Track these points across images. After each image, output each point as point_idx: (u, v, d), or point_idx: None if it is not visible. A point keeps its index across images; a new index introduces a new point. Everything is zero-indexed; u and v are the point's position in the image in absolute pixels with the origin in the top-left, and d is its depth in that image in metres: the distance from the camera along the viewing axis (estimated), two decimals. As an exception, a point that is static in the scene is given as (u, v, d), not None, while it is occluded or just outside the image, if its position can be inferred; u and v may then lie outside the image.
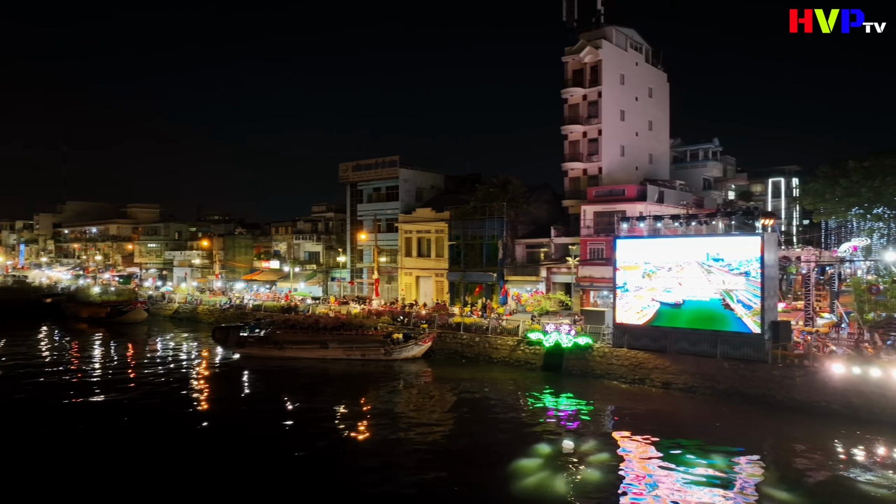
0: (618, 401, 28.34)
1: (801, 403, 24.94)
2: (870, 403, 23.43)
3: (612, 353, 31.49)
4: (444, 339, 38.47)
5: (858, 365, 24.10)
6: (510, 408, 27.35)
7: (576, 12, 50.01)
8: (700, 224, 30.00)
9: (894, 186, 42.64)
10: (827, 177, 47.18)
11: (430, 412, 27.53)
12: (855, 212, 45.27)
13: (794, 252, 40.52)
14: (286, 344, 38.86)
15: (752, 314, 27.32)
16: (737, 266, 27.87)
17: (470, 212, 48.72)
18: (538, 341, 33.80)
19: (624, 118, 50.41)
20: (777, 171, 68.54)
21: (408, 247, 54.73)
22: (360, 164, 60.65)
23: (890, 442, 21.22)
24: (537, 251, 48.46)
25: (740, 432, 23.02)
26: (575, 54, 48.98)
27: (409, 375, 34.05)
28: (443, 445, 22.24)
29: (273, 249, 70.61)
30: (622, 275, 31.79)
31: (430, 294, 52.21)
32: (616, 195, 44.30)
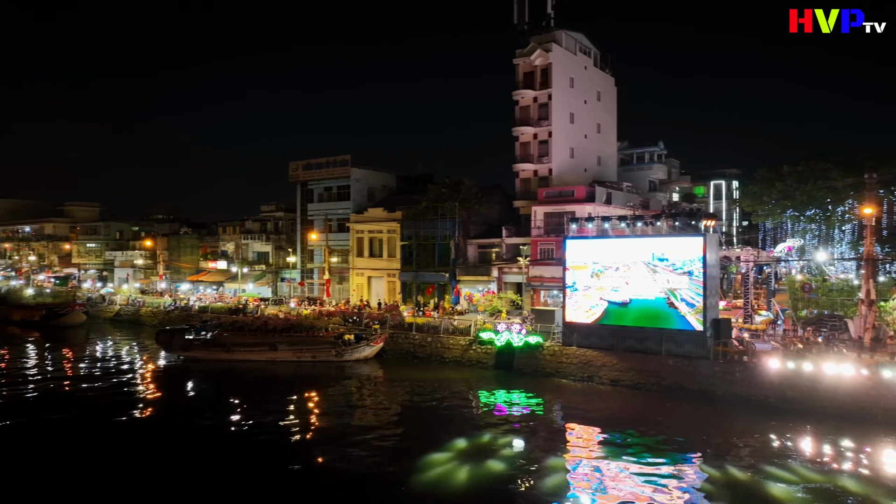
0: (567, 398, 28.85)
1: (740, 397, 25.96)
2: (803, 396, 24.58)
3: (562, 351, 32.04)
4: (397, 340, 38.35)
5: (792, 360, 25.25)
6: (462, 407, 27.48)
7: (526, 15, 50.68)
8: (646, 225, 30.80)
9: (825, 190, 44.88)
10: (764, 180, 49.27)
11: (382, 413, 27.40)
12: (790, 214, 47.43)
13: (734, 252, 42.17)
14: (234, 346, 37.96)
15: (695, 312, 28.26)
16: (680, 266, 28.78)
17: (422, 212, 48.73)
18: (490, 341, 34.08)
19: (573, 121, 51.35)
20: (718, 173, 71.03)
21: (359, 247, 54.32)
22: (311, 163, 59.86)
23: (819, 431, 22.31)
24: (489, 251, 48.85)
25: (684, 426, 23.78)
26: (526, 57, 49.62)
27: (361, 376, 33.80)
28: (393, 446, 22.15)
29: (220, 249, 68.93)
30: (571, 274, 32.37)
31: (383, 294, 51.96)
32: (566, 196, 45.09)
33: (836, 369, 24.03)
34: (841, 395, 23.78)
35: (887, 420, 22.44)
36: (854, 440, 21.34)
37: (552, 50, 48.66)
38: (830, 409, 23.68)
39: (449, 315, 40.34)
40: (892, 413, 22.58)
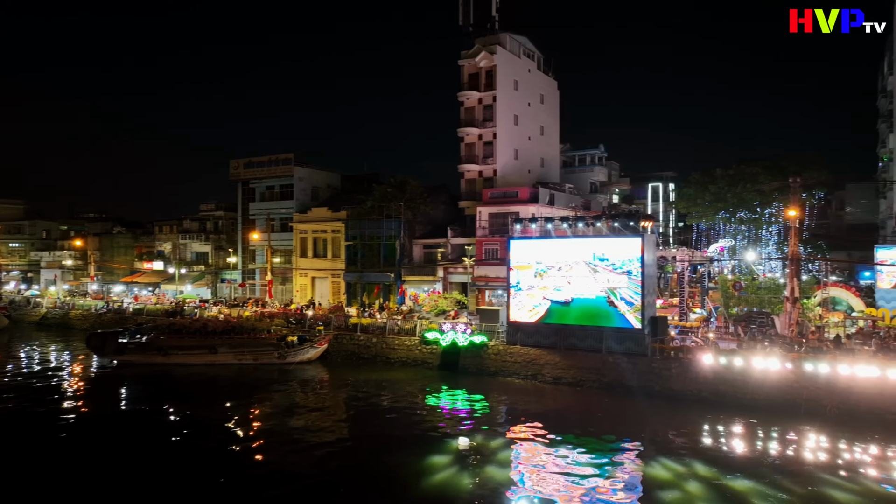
0: (511, 397, 29.21)
1: (676, 393, 26.92)
2: (734, 390, 25.72)
3: (507, 350, 32.43)
4: (341, 341, 37.93)
5: (724, 355, 26.37)
6: (407, 407, 27.43)
7: (471, 17, 51.10)
8: (587, 226, 31.51)
9: (753, 193, 47.07)
10: (698, 183, 51.28)
11: (326, 415, 27.03)
12: (722, 215, 49.53)
13: (671, 252, 43.74)
14: (171, 350, 36.67)
15: (634, 310, 29.13)
16: (620, 265, 29.61)
17: (367, 212, 48.41)
18: (435, 341, 34.15)
19: (517, 123, 52.07)
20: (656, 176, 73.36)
21: (303, 247, 53.47)
22: (253, 161, 58.55)
23: (749, 423, 23.37)
24: (434, 251, 48.97)
25: (623, 422, 24.49)
26: (471, 58, 49.99)
27: (305, 379, 33.26)
28: (338, 447, 21.91)
29: (157, 250, 66.49)
30: (516, 274, 32.81)
31: (327, 295, 51.32)
32: (510, 197, 45.69)
33: (763, 364, 25.25)
34: (768, 389, 25.01)
35: (809, 410, 23.74)
36: (780, 430, 22.46)
37: (497, 52, 49.20)
38: (759, 402, 24.87)
39: (394, 315, 40.18)
40: (814, 403, 23.91)
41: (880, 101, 57.69)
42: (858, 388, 23.39)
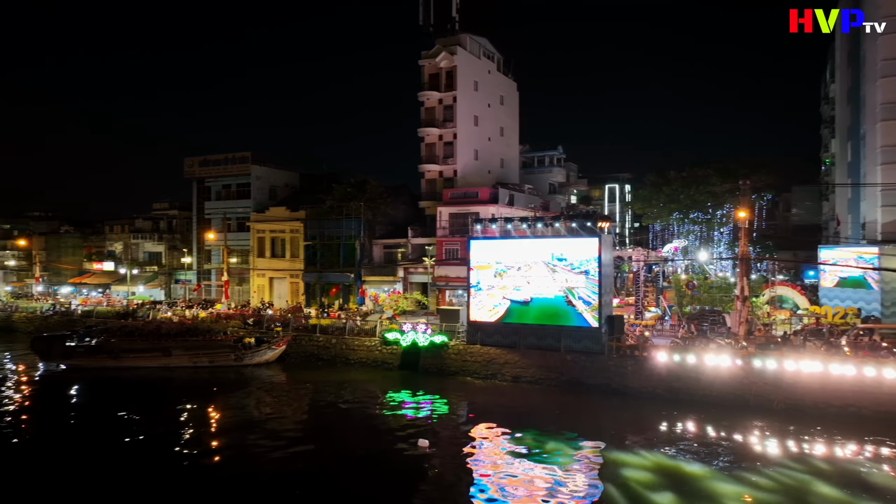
0: (471, 396, 29.36)
1: (632, 390, 27.51)
2: (687, 386, 26.44)
3: (467, 350, 32.57)
4: (300, 342, 37.46)
5: (678, 353, 27.08)
6: (367, 408, 27.29)
7: (432, 17, 51.15)
8: (546, 226, 31.90)
9: (706, 194, 48.43)
10: (653, 185, 52.48)
11: (285, 417, 26.65)
12: (676, 216, 50.78)
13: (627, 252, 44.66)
14: (123, 353, 35.55)
15: (592, 310, 29.64)
16: (578, 265, 30.09)
17: (327, 211, 47.94)
18: (395, 341, 34.05)
19: (478, 123, 52.35)
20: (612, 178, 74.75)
21: (260, 247, 52.61)
22: (209, 159, 57.28)
23: (701, 418, 24.05)
24: (395, 251, 48.82)
25: (581, 419, 24.88)
26: (431, 58, 50.03)
27: (263, 381, 32.72)
28: (297, 450, 21.62)
29: (107, 250, 64.38)
30: (476, 274, 32.99)
31: (285, 296, 50.61)
32: (470, 197, 45.90)
33: (715, 360, 26.03)
34: (719, 384, 25.79)
35: (757, 405, 24.60)
36: (729, 424, 23.18)
37: (457, 53, 49.36)
38: (711, 398, 25.63)
39: (355, 316, 39.89)
40: (762, 398, 24.78)
41: (823, 107, 60.17)
42: (803, 383, 24.34)
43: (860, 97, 42.30)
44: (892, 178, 37.31)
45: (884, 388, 23.05)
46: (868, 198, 39.73)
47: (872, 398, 23.18)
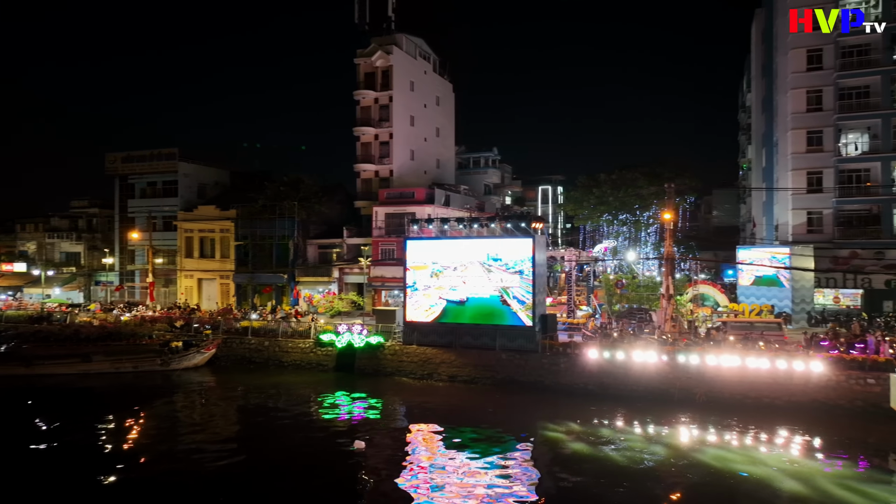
0: (408, 396, 29.36)
1: (565, 386, 28.22)
2: (616, 382, 27.37)
3: (403, 350, 32.54)
4: (231, 345, 36.37)
5: (608, 350, 28.00)
6: (301, 411, 26.81)
7: (367, 16, 50.81)
8: (481, 226, 32.28)
9: (634, 196, 50.28)
10: (584, 187, 54.02)
11: (215, 423, 25.82)
12: (606, 217, 52.48)
13: (559, 252, 45.79)
14: (36, 359, 33.47)
15: (526, 309, 30.22)
16: (513, 265, 30.61)
17: (259, 210, 46.79)
18: (331, 342, 33.61)
19: (414, 124, 52.39)
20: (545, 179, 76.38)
21: (189, 247, 50.77)
22: (132, 155, 54.77)
23: (629, 413, 24.93)
24: (330, 251, 48.22)
25: (515, 416, 25.30)
26: (367, 57, 49.71)
27: (191, 386, 31.57)
28: (228, 457, 20.98)
29: (18, 250, 60.44)
30: (412, 274, 33.00)
31: (215, 297, 49.04)
32: (406, 197, 45.89)
33: (642, 357, 27.07)
34: (647, 380, 26.85)
35: (681, 398, 25.77)
36: (655, 417, 24.17)
37: (393, 52, 49.25)
38: (639, 393, 26.64)
39: (289, 318, 39.09)
40: (685, 392, 25.98)
41: (741, 115, 63.72)
42: (723, 377, 25.68)
43: (773, 107, 45.06)
44: (800, 182, 39.95)
45: (794, 380, 24.63)
46: (780, 201, 42.38)
47: (784, 390, 24.73)
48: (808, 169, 39.74)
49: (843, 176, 38.92)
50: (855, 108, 38.59)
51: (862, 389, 23.72)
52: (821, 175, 39.43)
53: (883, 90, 37.71)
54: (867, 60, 38.20)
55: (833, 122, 38.93)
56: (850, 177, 38.94)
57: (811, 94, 39.80)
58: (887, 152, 37.66)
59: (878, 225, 37.93)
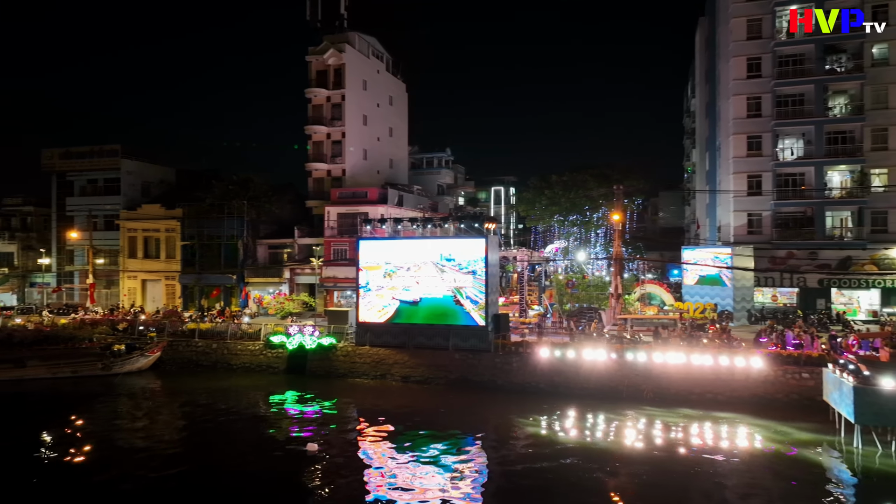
0: (360, 398, 29.13)
1: (517, 385, 28.54)
2: (567, 380, 27.85)
3: (356, 351, 32.26)
4: (177, 348, 35.31)
5: (559, 349, 28.45)
6: (251, 415, 26.24)
7: (319, 13, 50.19)
8: (435, 227, 32.33)
9: (585, 198, 51.28)
10: (536, 188, 54.79)
11: (160, 429, 24.99)
12: (557, 218, 53.36)
13: (512, 252, 46.27)
14: (-36, 366, 31.70)
15: (479, 308, 30.41)
16: (466, 265, 30.76)
17: (207, 210, 45.59)
18: (281, 344, 33.04)
19: (366, 123, 52.05)
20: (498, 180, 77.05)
21: (132, 247, 49.06)
22: (72, 151, 52.51)
23: (580, 410, 25.41)
24: (280, 252, 47.40)
25: (469, 415, 25.44)
26: (319, 55, 49.10)
27: (135, 391, 30.48)
28: (175, 463, 20.35)
29: (-56, 250, 56.98)
30: (365, 275, 32.76)
31: (160, 299, 47.53)
32: (359, 197, 45.54)
33: (592, 355, 27.62)
34: (596, 378, 27.41)
35: (630, 395, 26.42)
36: (605, 413, 24.72)
37: (346, 51, 48.80)
38: (589, 390, 27.16)
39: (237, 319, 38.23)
40: (633, 389, 26.65)
41: (685, 120, 65.82)
42: (669, 373, 26.46)
43: (716, 112, 46.71)
44: (741, 185, 41.53)
45: (735, 376, 25.59)
46: (723, 203, 43.96)
47: (726, 385, 25.66)
48: (749, 172, 41.34)
49: (781, 179, 40.64)
50: (791, 114, 40.37)
51: (797, 384, 24.85)
52: (760, 178, 41.07)
53: (816, 98, 39.57)
54: (802, 70, 40.03)
55: (771, 128, 40.60)
56: (786, 180, 40.69)
57: (751, 100, 41.41)
58: (820, 158, 39.54)
59: (812, 227, 39.76)
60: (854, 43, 39.00)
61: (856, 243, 38.73)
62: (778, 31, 40.67)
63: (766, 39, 40.61)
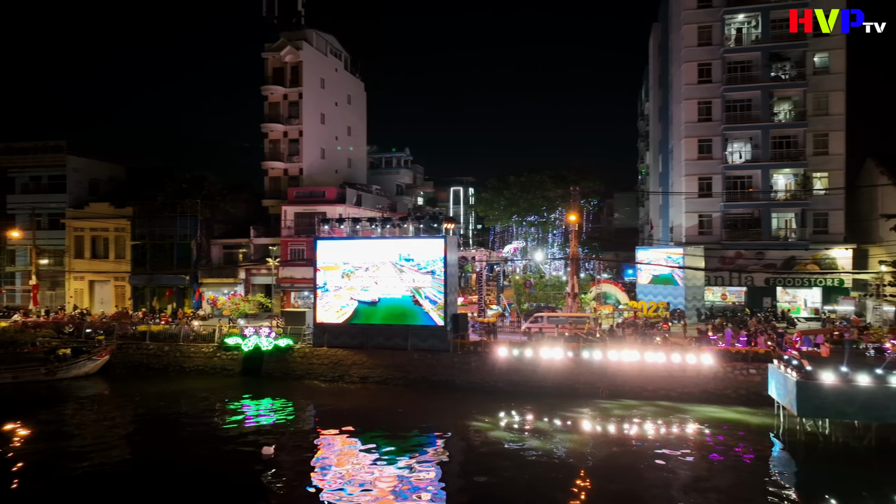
0: (318, 399, 28.80)
1: (476, 385, 28.69)
2: (525, 379, 28.15)
3: (313, 352, 31.88)
4: (127, 351, 34.23)
5: (517, 348, 28.73)
6: (205, 419, 25.65)
7: (276, 9, 49.42)
8: (394, 227, 32.25)
9: (542, 199, 51.91)
10: (494, 188, 55.21)
11: (109, 434, 24.12)
12: (515, 219, 53.89)
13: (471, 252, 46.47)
14: None
15: (438, 308, 30.45)
16: (425, 265, 30.77)
17: (158, 209, 44.34)
18: (236, 346, 32.39)
19: (324, 121, 51.51)
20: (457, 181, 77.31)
21: (79, 247, 47.31)
22: (13, 146, 50.30)
23: (537, 408, 25.71)
24: (236, 252, 46.48)
25: (428, 415, 25.44)
26: (276, 52, 48.37)
27: (81, 396, 29.40)
28: (125, 472, 19.73)
29: None
30: (322, 275, 32.42)
31: (109, 301, 45.99)
32: (317, 197, 45.04)
33: (549, 354, 28.00)
34: (553, 376, 27.80)
35: (585, 392, 26.90)
36: (562, 411, 25.07)
37: (303, 48, 48.18)
38: (546, 388, 27.53)
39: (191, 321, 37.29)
40: (588, 386, 27.14)
41: (639, 123, 67.37)
42: (624, 370, 27.04)
43: (668, 116, 47.95)
44: (693, 187, 42.75)
45: (686, 372, 26.34)
46: (675, 205, 45.17)
47: (678, 382, 26.38)
48: (700, 175, 42.60)
49: (730, 182, 42.02)
50: (739, 119, 41.80)
51: (745, 379, 25.74)
52: (711, 181, 42.38)
53: (763, 104, 41.08)
54: (749, 76, 41.51)
55: (721, 132, 41.94)
56: (735, 183, 42.10)
57: (702, 104, 42.70)
58: (766, 161, 41.05)
59: (759, 228, 41.25)
60: (797, 52, 40.69)
61: (799, 244, 40.35)
62: (727, 38, 42.08)
63: (716, 46, 41.97)
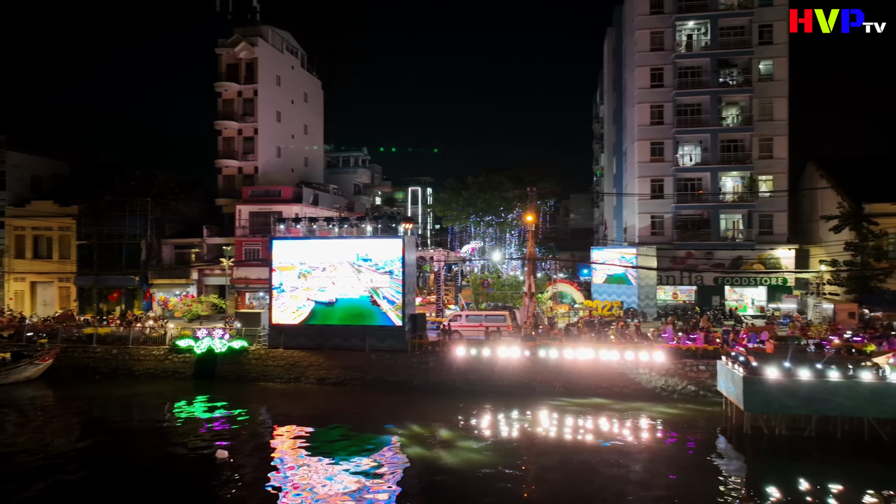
0: (274, 401, 28.35)
1: (434, 384, 28.73)
2: (482, 378, 28.35)
3: (269, 354, 31.37)
4: (72, 355, 32.97)
5: (474, 347, 28.90)
6: (155, 424, 24.94)
7: (230, 4, 48.47)
8: (351, 226, 32.01)
9: (500, 199, 52.36)
10: (452, 189, 55.41)
11: (54, 442, 23.20)
12: (473, 219, 54.20)
13: (429, 252, 46.53)
14: None
15: (396, 309, 30.38)
16: (383, 265, 30.65)
17: (106, 207, 42.93)
18: (188, 348, 31.60)
19: (280, 120, 50.78)
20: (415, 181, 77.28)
21: (20, 246, 45.38)
22: (-53, 141, 47.76)
23: (494, 407, 25.94)
24: (188, 252, 45.38)
25: (385, 416, 25.29)
26: (230, 48, 47.44)
27: (22, 402, 28.17)
28: (70, 480, 19.00)
29: None
30: (278, 275, 31.94)
31: (53, 302, 44.25)
32: (272, 196, 44.37)
33: (506, 353, 28.27)
34: (510, 375, 28.08)
35: (542, 391, 27.26)
36: (519, 409, 25.35)
37: (258, 45, 47.39)
38: (504, 387, 27.79)
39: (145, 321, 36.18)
40: (545, 385, 27.52)
41: (594, 125, 68.64)
42: (579, 368, 27.52)
43: (622, 119, 49.02)
44: (645, 189, 43.82)
45: (639, 369, 26.99)
46: (628, 206, 46.22)
47: (630, 379, 27.01)
48: (652, 177, 43.70)
49: (681, 184, 43.25)
50: (689, 123, 43.07)
51: (695, 375, 26.54)
52: (662, 182, 43.53)
53: (712, 108, 42.43)
54: (699, 81, 42.82)
55: (672, 135, 43.13)
56: (686, 185, 43.35)
57: (654, 108, 43.82)
58: (715, 164, 42.40)
59: (708, 228, 42.60)
60: (744, 59, 42.18)
61: (745, 244, 41.84)
62: (678, 44, 43.28)
63: (667, 51, 43.12)
